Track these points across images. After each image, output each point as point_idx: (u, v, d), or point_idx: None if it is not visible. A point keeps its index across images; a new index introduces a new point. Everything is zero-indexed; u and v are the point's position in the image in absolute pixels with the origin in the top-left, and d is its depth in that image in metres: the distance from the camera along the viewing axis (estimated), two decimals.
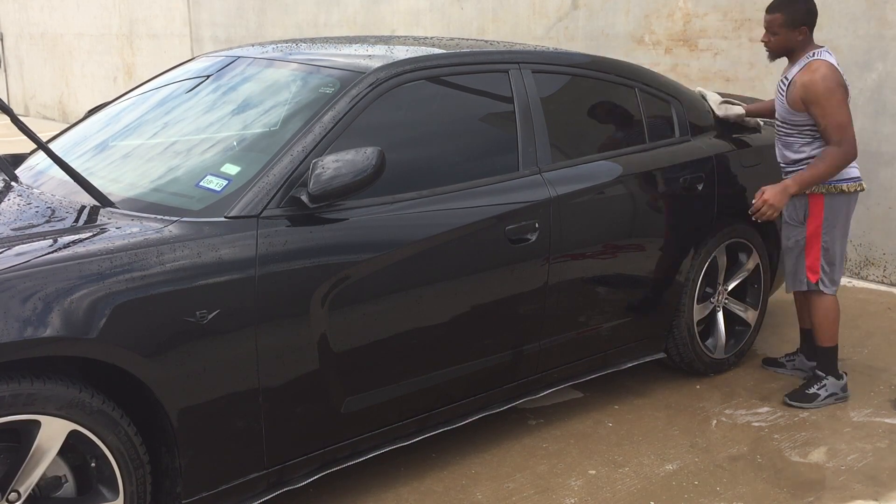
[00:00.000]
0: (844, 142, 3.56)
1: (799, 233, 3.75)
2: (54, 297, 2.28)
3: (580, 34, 6.91)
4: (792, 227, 3.79)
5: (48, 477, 2.40)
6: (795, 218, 3.76)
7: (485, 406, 3.33)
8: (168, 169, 3.05)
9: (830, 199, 3.66)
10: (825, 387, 3.80)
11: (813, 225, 3.70)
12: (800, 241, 3.74)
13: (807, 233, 3.72)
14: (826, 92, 3.52)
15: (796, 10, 3.62)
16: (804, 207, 3.71)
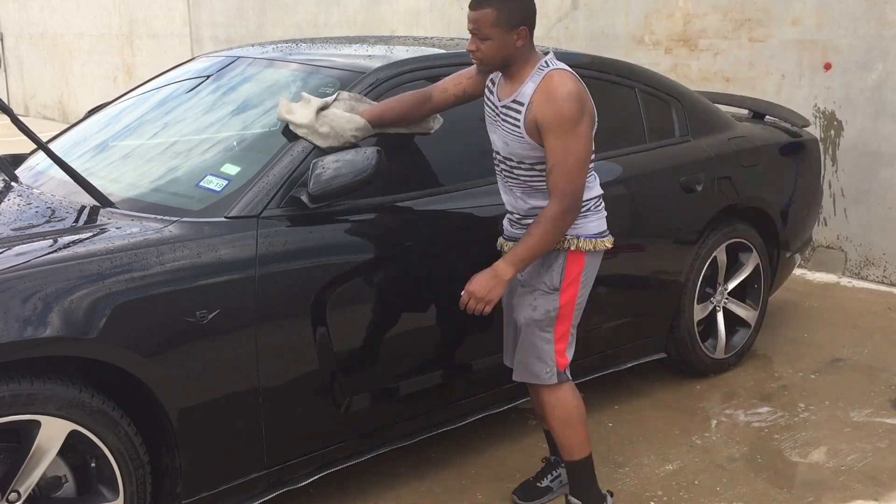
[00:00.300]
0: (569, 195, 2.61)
1: (550, 302, 2.77)
2: (54, 297, 2.28)
3: (580, 34, 6.91)
4: (541, 293, 2.78)
5: (48, 477, 2.40)
6: (547, 283, 2.77)
7: (485, 406, 3.33)
8: (168, 169, 3.05)
9: (592, 258, 2.80)
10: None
11: (570, 292, 2.77)
12: (551, 313, 2.78)
13: (561, 302, 2.77)
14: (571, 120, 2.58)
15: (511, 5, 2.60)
16: (560, 269, 2.75)
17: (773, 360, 4.32)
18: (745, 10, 5.90)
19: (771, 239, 4.27)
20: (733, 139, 4.14)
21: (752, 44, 5.88)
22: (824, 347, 4.47)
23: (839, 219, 5.65)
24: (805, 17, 5.60)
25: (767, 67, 5.83)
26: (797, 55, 5.68)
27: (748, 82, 5.92)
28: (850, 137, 5.53)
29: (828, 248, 5.75)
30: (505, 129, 2.72)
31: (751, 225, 4.12)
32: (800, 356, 4.37)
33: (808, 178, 4.53)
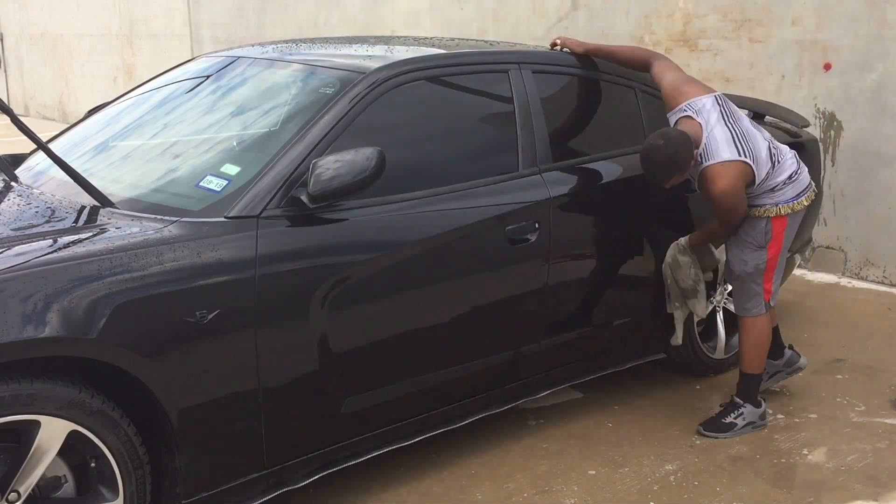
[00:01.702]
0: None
1: (759, 256, 3.49)
2: (54, 298, 2.28)
3: (580, 35, 6.90)
4: (750, 250, 3.50)
5: (48, 477, 2.40)
6: (755, 241, 3.49)
7: (485, 406, 3.33)
8: (168, 169, 3.05)
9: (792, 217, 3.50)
10: (742, 415, 3.58)
11: (775, 247, 3.49)
12: (760, 266, 3.49)
13: (768, 255, 3.49)
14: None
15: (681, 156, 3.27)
16: (765, 230, 3.47)
17: None
18: (745, 11, 5.90)
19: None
20: None
21: (752, 44, 5.88)
22: (824, 347, 4.47)
23: (839, 219, 5.65)
24: (805, 17, 5.60)
25: (767, 68, 5.83)
26: (797, 55, 5.68)
27: (748, 83, 5.92)
28: (850, 138, 5.52)
29: (828, 249, 5.74)
30: None
31: None
32: None
33: None
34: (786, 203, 3.44)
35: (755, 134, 3.43)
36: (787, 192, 3.45)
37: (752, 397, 3.59)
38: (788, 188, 3.46)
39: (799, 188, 3.48)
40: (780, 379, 3.87)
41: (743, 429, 3.56)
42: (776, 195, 3.44)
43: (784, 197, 3.44)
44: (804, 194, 3.50)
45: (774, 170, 3.42)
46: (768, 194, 3.43)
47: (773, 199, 3.44)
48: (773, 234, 3.45)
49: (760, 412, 3.61)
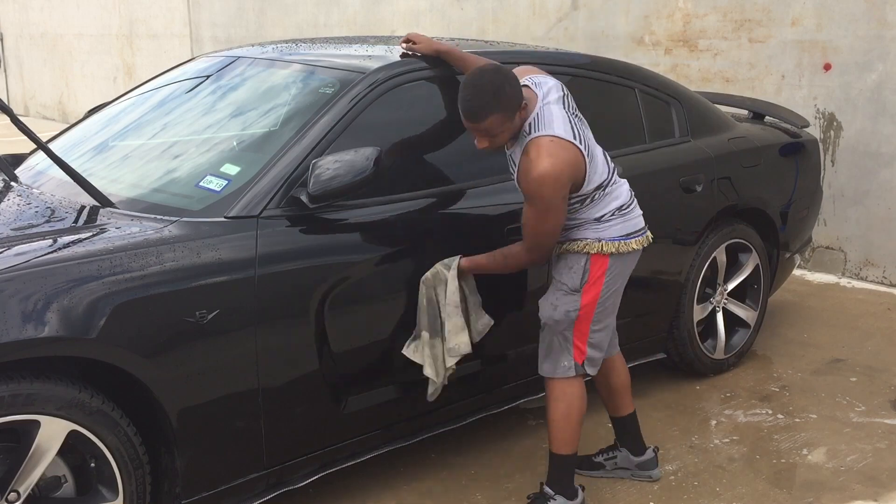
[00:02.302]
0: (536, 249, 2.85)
1: (571, 302, 2.90)
2: (54, 298, 2.28)
3: (580, 35, 6.91)
4: (563, 293, 2.91)
5: (48, 477, 2.40)
6: (569, 282, 2.90)
7: (485, 406, 3.33)
8: (168, 169, 3.05)
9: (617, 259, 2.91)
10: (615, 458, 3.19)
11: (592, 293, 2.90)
12: (570, 314, 2.90)
13: (582, 302, 2.89)
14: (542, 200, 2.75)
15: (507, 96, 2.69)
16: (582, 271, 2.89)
17: (773, 361, 4.32)
18: (744, 11, 5.90)
19: (770, 239, 4.27)
20: (733, 140, 4.14)
21: (752, 44, 5.89)
22: (824, 348, 4.47)
23: (839, 219, 5.65)
24: (805, 17, 5.60)
25: (767, 68, 5.84)
26: (797, 56, 5.68)
27: (748, 83, 5.93)
28: (850, 138, 5.53)
29: (827, 249, 5.75)
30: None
31: (750, 225, 4.12)
32: (799, 357, 4.37)
33: (808, 178, 4.53)
34: (611, 240, 2.87)
35: (592, 138, 2.89)
36: (615, 228, 2.88)
37: (565, 486, 2.96)
38: (616, 222, 2.88)
39: (629, 227, 2.91)
40: (622, 475, 3.23)
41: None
42: (601, 228, 2.87)
43: (610, 233, 2.87)
44: (635, 237, 2.92)
45: (606, 189, 2.86)
46: (592, 225, 2.87)
47: (597, 232, 2.87)
48: (590, 275, 2.86)
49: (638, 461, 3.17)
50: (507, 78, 2.70)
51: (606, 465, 3.25)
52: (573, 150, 2.74)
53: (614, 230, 2.88)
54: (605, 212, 2.87)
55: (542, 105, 2.79)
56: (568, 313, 2.89)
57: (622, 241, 2.89)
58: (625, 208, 2.92)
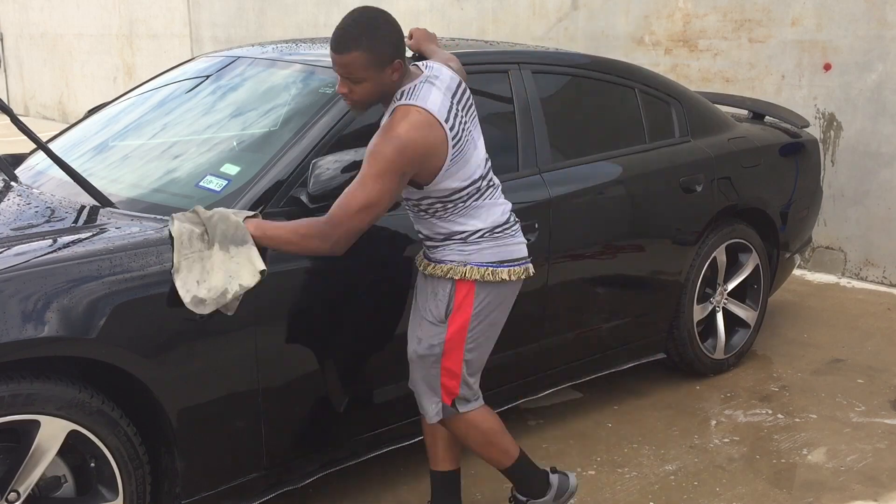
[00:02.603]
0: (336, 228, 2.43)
1: (436, 334, 2.63)
2: (54, 297, 2.28)
3: (580, 35, 6.91)
4: (428, 323, 2.64)
5: (48, 477, 2.40)
6: (434, 312, 2.63)
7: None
8: (168, 169, 3.05)
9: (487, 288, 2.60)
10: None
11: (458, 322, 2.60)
12: (435, 347, 2.63)
13: (447, 333, 2.61)
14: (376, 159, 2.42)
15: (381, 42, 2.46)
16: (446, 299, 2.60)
17: (773, 361, 4.32)
18: (744, 11, 5.90)
19: (770, 239, 4.27)
20: (733, 140, 4.14)
21: (752, 44, 5.89)
22: (824, 348, 4.47)
23: (839, 219, 5.65)
24: (805, 17, 5.60)
25: (767, 68, 5.84)
26: (797, 56, 5.68)
27: (748, 83, 5.93)
28: (850, 138, 5.53)
29: (827, 249, 5.75)
30: None
31: (750, 225, 4.12)
32: (799, 357, 4.37)
33: (808, 178, 4.53)
34: (480, 266, 2.56)
35: (478, 141, 2.64)
36: (486, 252, 2.56)
37: (532, 480, 2.84)
38: (488, 245, 2.56)
39: (505, 254, 2.59)
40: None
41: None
42: (468, 250, 2.56)
43: (479, 257, 2.56)
44: (509, 266, 2.59)
45: (475, 202, 2.55)
46: (458, 245, 2.56)
47: (463, 255, 2.56)
48: (455, 303, 2.57)
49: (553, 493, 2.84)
50: (388, 23, 2.48)
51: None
52: (437, 131, 2.44)
53: (483, 254, 2.57)
54: (472, 229, 2.56)
55: (424, 81, 2.52)
56: (432, 347, 2.61)
57: (491, 268, 2.57)
58: (500, 231, 2.60)
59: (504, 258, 2.61)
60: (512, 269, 2.61)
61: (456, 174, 2.51)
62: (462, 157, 2.52)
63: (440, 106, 2.48)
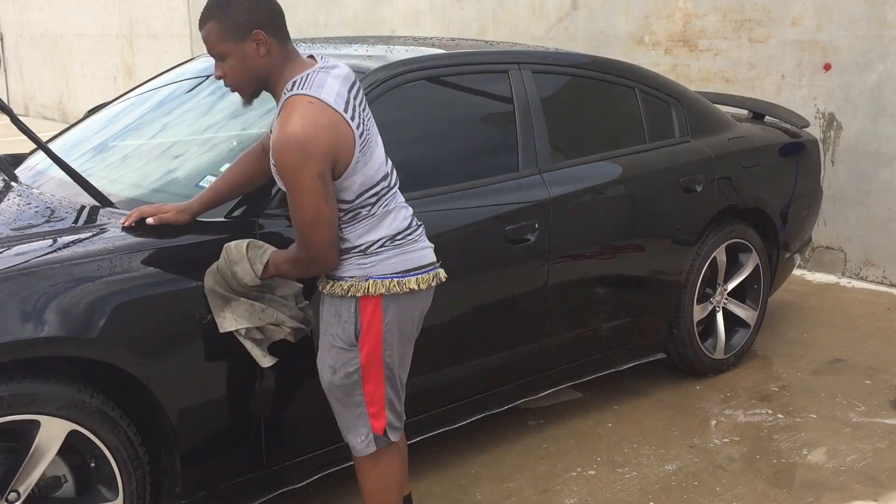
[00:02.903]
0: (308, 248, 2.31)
1: (349, 360, 2.41)
2: (54, 297, 2.28)
3: (580, 35, 6.91)
4: (338, 350, 2.42)
5: (48, 477, 2.40)
6: (343, 336, 2.40)
7: (485, 406, 3.33)
8: (168, 169, 3.05)
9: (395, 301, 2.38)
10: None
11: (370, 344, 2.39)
12: (352, 374, 2.41)
13: (362, 358, 2.39)
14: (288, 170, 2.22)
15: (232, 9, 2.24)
16: (353, 319, 2.38)
17: (773, 361, 4.32)
18: (744, 11, 5.90)
19: (770, 239, 4.27)
20: (733, 140, 4.14)
21: (752, 44, 5.89)
22: (824, 348, 4.47)
23: (839, 219, 5.65)
24: (805, 17, 5.60)
25: (767, 68, 5.84)
26: (797, 56, 5.68)
27: (748, 83, 5.93)
28: (850, 138, 5.53)
29: (827, 249, 5.75)
30: None
31: (750, 225, 4.12)
32: (799, 357, 4.37)
33: (808, 178, 4.53)
34: (381, 279, 2.34)
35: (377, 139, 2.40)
36: (387, 263, 2.35)
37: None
38: (389, 255, 2.35)
39: (408, 263, 2.38)
40: None
41: None
42: (367, 263, 2.34)
43: (380, 269, 2.34)
44: (416, 274, 2.39)
45: (377, 207, 2.34)
46: (357, 259, 2.34)
47: (363, 268, 2.34)
48: (363, 323, 2.35)
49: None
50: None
51: None
52: (335, 117, 2.22)
53: (386, 265, 2.35)
54: (371, 239, 2.34)
55: (318, 71, 2.29)
56: (349, 374, 2.39)
57: (396, 279, 2.35)
58: (401, 238, 2.38)
59: (409, 267, 2.39)
60: (420, 276, 2.40)
61: (362, 167, 2.30)
62: (368, 149, 2.32)
63: (335, 94, 2.26)
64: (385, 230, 2.37)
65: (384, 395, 2.44)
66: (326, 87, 2.26)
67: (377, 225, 2.36)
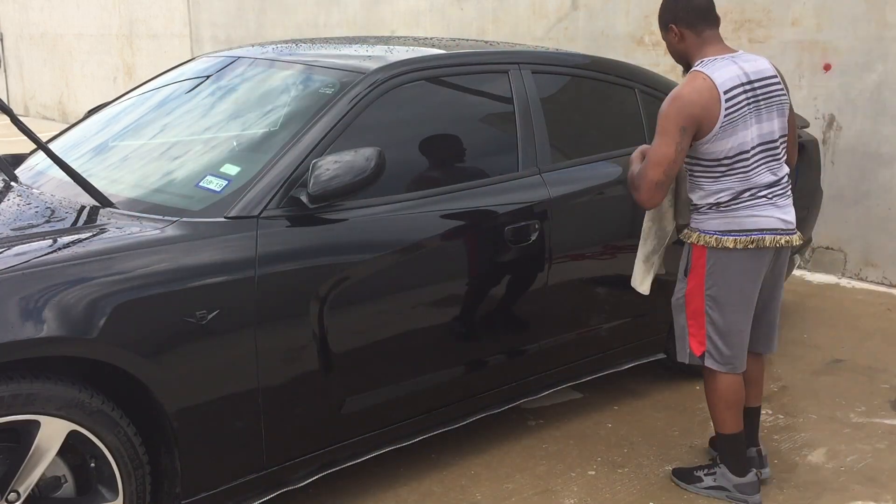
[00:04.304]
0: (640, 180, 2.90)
1: (681, 286, 3.05)
2: (54, 297, 2.28)
3: (580, 35, 6.91)
4: (679, 275, 3.07)
5: (48, 477, 2.40)
6: (681, 266, 3.05)
7: (485, 406, 3.33)
8: (168, 169, 3.06)
9: (718, 254, 2.92)
10: (714, 475, 3.12)
11: (694, 282, 2.98)
12: (679, 299, 3.05)
13: (686, 288, 3.00)
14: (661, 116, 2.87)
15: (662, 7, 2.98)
16: (686, 258, 3.01)
17: (773, 361, 4.32)
18: (744, 11, 5.90)
19: None
20: None
21: (752, 45, 5.88)
22: (824, 348, 4.47)
23: (839, 219, 5.65)
24: (805, 18, 5.60)
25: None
26: (797, 56, 5.68)
27: None
28: (850, 138, 5.53)
29: (827, 249, 5.75)
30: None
31: None
32: (799, 357, 4.37)
33: (808, 178, 4.53)
34: (707, 234, 2.92)
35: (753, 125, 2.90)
36: (713, 222, 2.92)
37: (726, 460, 3.10)
38: (714, 216, 2.92)
39: (734, 224, 2.90)
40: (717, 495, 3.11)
41: (708, 490, 3.11)
42: (699, 218, 2.95)
43: (707, 225, 2.92)
44: (744, 236, 2.88)
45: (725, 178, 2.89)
46: (693, 213, 2.97)
47: (696, 221, 2.96)
48: (692, 265, 2.96)
49: (738, 482, 3.06)
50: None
51: (704, 477, 3.16)
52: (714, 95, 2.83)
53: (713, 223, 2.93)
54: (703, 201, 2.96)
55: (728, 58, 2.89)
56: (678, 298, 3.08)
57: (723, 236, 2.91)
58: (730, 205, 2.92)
59: (734, 228, 2.89)
60: (749, 238, 2.88)
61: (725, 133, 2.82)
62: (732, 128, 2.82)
63: (726, 79, 2.82)
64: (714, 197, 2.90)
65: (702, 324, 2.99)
66: (722, 71, 2.84)
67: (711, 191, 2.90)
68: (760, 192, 2.89)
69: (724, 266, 2.90)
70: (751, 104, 2.86)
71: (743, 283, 2.92)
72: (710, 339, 2.98)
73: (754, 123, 2.87)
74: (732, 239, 2.87)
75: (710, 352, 3.00)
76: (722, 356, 3.00)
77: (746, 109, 2.86)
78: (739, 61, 2.90)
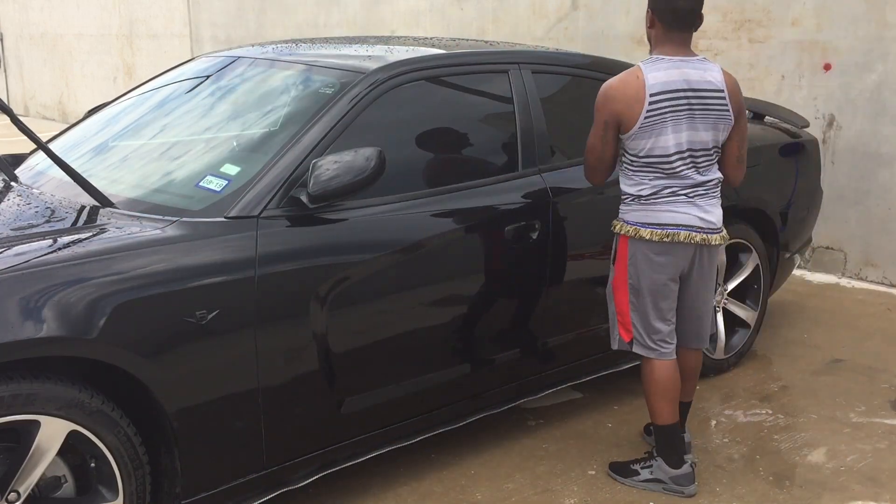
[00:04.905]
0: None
1: (610, 274, 3.15)
2: (54, 297, 2.28)
3: (580, 35, 6.91)
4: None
5: (48, 477, 2.40)
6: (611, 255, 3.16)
7: (484, 406, 3.33)
8: (168, 169, 3.05)
9: (636, 245, 3.01)
10: (650, 468, 3.15)
11: (618, 270, 3.08)
12: (608, 286, 3.16)
13: (613, 275, 3.11)
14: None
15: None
16: (614, 246, 3.11)
17: (773, 361, 4.32)
18: (745, 11, 5.90)
19: (771, 239, 4.27)
20: None
21: (752, 44, 5.88)
22: (824, 348, 4.47)
23: (839, 219, 5.65)
24: (805, 18, 5.60)
25: (767, 68, 5.83)
26: (797, 56, 5.68)
27: (748, 83, 5.92)
28: (850, 138, 5.53)
29: (827, 249, 5.75)
30: None
31: (750, 225, 4.11)
32: (799, 357, 4.37)
33: (808, 178, 4.53)
34: (629, 224, 3.02)
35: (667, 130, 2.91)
36: (634, 213, 3.01)
37: (662, 452, 3.14)
38: (636, 207, 3.02)
39: (651, 217, 2.98)
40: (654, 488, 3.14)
41: (644, 483, 3.14)
42: (624, 209, 3.06)
43: (630, 216, 3.03)
44: (659, 229, 2.97)
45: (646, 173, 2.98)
46: (621, 203, 3.08)
47: (621, 211, 3.07)
48: (617, 254, 3.07)
49: (674, 474, 3.10)
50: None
51: (640, 471, 3.19)
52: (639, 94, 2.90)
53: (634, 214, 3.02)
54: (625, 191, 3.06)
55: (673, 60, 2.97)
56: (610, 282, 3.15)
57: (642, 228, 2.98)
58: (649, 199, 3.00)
59: (655, 221, 2.96)
60: (666, 232, 2.95)
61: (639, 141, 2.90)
62: (650, 130, 2.88)
63: (659, 83, 2.88)
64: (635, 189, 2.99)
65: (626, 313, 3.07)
66: (659, 72, 2.89)
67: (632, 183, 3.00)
68: (681, 191, 2.96)
69: (642, 256, 2.99)
70: (681, 111, 2.90)
71: (657, 275, 2.99)
72: (634, 326, 3.06)
73: (685, 129, 2.91)
74: (649, 231, 2.95)
75: (637, 339, 3.07)
76: (647, 343, 3.06)
77: (671, 116, 2.89)
78: (686, 67, 2.94)
